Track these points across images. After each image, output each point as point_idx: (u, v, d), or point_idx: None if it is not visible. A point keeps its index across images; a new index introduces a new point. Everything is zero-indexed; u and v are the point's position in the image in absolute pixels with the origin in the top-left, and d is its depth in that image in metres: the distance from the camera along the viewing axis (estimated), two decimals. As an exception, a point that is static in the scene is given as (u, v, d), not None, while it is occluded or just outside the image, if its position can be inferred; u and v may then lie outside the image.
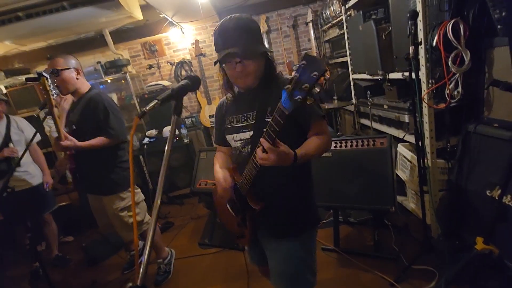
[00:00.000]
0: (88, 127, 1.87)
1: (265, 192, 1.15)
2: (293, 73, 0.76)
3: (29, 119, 3.47)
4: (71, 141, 1.77)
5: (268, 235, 1.23)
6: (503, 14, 1.27)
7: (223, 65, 1.11)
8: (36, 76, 1.57)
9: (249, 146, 1.15)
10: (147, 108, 0.68)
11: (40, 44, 3.82)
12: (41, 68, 4.18)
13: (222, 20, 1.08)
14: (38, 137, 2.52)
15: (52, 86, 1.63)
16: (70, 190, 3.54)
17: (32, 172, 2.56)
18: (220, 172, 1.24)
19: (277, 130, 0.85)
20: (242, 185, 1.14)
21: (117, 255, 2.78)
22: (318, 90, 0.74)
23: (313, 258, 1.26)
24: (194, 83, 0.81)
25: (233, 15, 1.07)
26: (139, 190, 2.17)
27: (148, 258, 0.68)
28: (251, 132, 1.13)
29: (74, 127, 1.89)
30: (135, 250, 2.39)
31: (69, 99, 2.03)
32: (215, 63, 1.08)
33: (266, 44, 4.10)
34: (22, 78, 3.74)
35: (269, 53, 1.12)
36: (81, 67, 1.96)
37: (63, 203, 3.38)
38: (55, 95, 1.67)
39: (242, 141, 1.18)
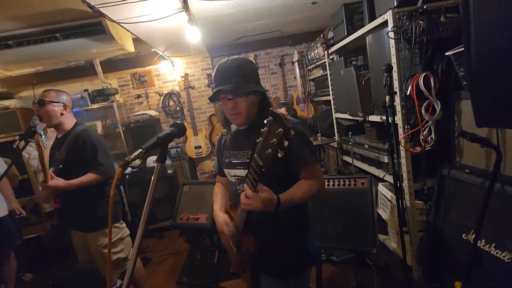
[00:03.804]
0: (76, 165, 1.84)
1: (259, 235, 1.16)
2: (264, 128, 0.82)
3: (8, 144, 3.37)
4: (58, 181, 1.74)
5: (266, 274, 1.26)
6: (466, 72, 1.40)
7: (219, 102, 1.15)
8: (29, 132, 1.62)
9: (244, 185, 1.18)
10: (131, 157, 0.68)
11: (28, 70, 3.80)
12: (26, 93, 4.13)
13: (221, 61, 1.15)
14: (4, 166, 2.49)
15: (45, 141, 1.64)
16: (42, 221, 3.35)
17: None
18: (221, 216, 1.26)
19: (256, 178, 0.89)
20: (237, 225, 1.17)
21: (87, 294, 2.59)
22: (286, 144, 0.78)
23: None
24: (179, 131, 0.83)
25: (231, 57, 1.14)
26: (124, 225, 2.08)
27: None
28: (246, 171, 1.14)
29: (61, 166, 1.85)
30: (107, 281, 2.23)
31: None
32: (209, 99, 1.15)
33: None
34: (4, 102, 3.67)
35: (261, 92, 1.14)
36: (71, 104, 1.96)
37: (32, 235, 3.18)
38: (46, 145, 1.68)
39: (237, 178, 1.22)
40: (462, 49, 1.42)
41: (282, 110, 3.16)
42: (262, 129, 0.82)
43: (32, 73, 3.94)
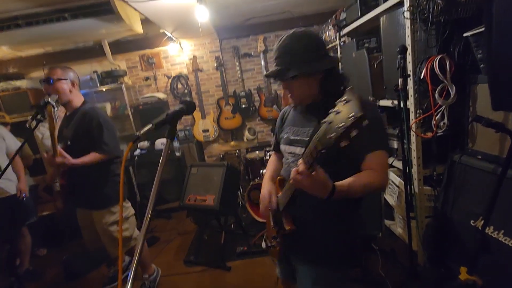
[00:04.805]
0: (83, 142, 1.86)
1: (301, 216, 1.09)
2: (334, 109, 0.71)
3: (20, 124, 3.44)
4: (65, 158, 1.76)
5: (299, 258, 1.19)
6: (485, 54, 1.34)
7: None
8: (42, 104, 1.62)
9: (299, 160, 1.07)
10: (141, 132, 0.69)
11: (37, 50, 3.82)
12: (36, 74, 4.17)
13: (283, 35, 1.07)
14: (18, 144, 2.54)
15: (56, 113, 1.65)
16: (55, 199, 3.46)
17: (13, 179, 2.49)
18: (266, 186, 1.23)
19: (311, 161, 0.80)
20: (281, 200, 1.12)
21: (97, 271, 2.69)
22: (354, 134, 0.66)
23: None
24: (189, 108, 0.83)
25: (292, 31, 1.05)
26: (129, 204, 2.13)
27: (134, 273, 0.68)
28: (303, 149, 1.03)
29: (69, 143, 1.87)
30: (119, 265, 2.33)
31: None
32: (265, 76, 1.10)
33: (263, 63, 4.20)
34: (16, 83, 3.71)
35: (321, 69, 1.03)
36: (78, 81, 1.96)
37: (45, 213, 3.29)
38: (56, 119, 1.69)
39: (292, 155, 1.15)
40: (482, 29, 1.36)
41: None
42: (330, 110, 0.71)
43: (41, 54, 3.96)
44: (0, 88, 3.63)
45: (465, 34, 1.53)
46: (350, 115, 0.65)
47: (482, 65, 1.49)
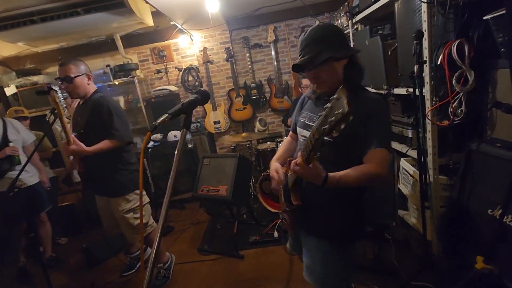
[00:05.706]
0: (95, 130, 1.92)
1: (307, 196, 1.21)
2: (328, 104, 0.80)
3: (38, 118, 3.56)
4: (78, 146, 1.81)
5: (305, 231, 1.31)
6: (506, 38, 1.29)
7: (303, 73, 1.21)
8: (46, 89, 1.68)
9: (298, 152, 1.18)
10: (158, 121, 0.71)
11: (52, 46, 3.90)
12: (52, 69, 4.27)
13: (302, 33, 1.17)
14: (33, 137, 2.67)
15: (61, 98, 1.69)
16: (75, 190, 3.59)
17: (31, 171, 2.60)
18: (274, 164, 1.35)
19: (310, 149, 0.90)
20: (289, 179, 1.25)
21: (116, 257, 2.79)
22: (342, 126, 0.76)
23: (348, 270, 1.31)
24: (203, 98, 0.84)
25: (312, 26, 1.15)
26: (144, 192, 2.20)
27: (154, 262, 0.71)
28: None
29: (82, 131, 1.93)
30: (141, 250, 2.42)
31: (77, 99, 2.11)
32: (293, 71, 1.15)
33: (274, 53, 4.16)
34: (33, 78, 3.82)
35: (345, 55, 1.12)
36: (90, 71, 2.01)
37: (65, 203, 3.43)
38: (64, 105, 1.73)
39: (303, 138, 1.25)
40: (503, 12, 1.30)
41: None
42: (326, 105, 0.81)
43: (56, 49, 4.05)
44: (19, 84, 3.75)
45: (485, 17, 1.47)
46: (338, 111, 0.75)
47: (502, 49, 1.43)
